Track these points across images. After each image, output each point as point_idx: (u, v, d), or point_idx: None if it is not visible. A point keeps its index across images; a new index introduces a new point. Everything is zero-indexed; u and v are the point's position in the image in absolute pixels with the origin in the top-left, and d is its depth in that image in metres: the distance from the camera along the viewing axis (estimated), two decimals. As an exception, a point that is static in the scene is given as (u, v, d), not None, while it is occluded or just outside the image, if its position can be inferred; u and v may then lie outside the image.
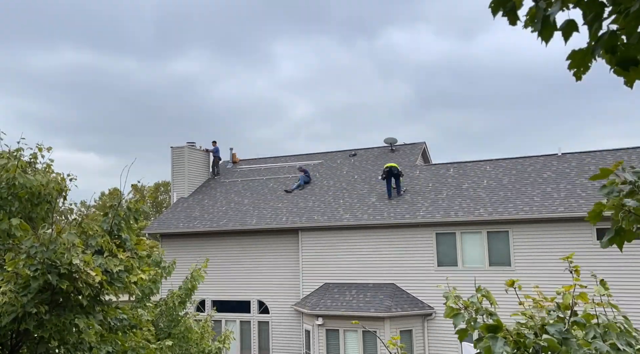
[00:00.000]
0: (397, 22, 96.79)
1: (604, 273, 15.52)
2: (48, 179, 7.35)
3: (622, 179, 2.77)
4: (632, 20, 2.19)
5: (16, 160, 7.21)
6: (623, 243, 2.81)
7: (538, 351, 3.46)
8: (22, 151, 7.62)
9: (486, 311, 3.78)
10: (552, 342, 3.36)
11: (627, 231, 2.73)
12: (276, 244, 21.86)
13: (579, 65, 2.47)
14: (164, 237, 23.89)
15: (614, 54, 2.28)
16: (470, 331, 3.73)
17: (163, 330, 11.77)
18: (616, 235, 2.76)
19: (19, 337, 6.40)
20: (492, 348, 3.33)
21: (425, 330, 18.76)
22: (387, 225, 19.83)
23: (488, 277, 17.00)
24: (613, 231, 2.77)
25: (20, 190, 7.02)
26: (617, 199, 2.73)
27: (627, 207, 2.65)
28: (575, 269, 3.93)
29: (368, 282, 19.83)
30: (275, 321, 21.56)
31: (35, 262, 5.68)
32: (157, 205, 58.09)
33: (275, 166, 27.06)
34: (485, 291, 3.96)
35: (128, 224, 7.12)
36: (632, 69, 2.29)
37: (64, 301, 6.08)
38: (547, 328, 3.52)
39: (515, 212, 18.10)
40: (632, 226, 2.70)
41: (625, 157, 19.62)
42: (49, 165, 7.82)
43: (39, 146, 7.91)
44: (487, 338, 3.40)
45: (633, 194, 2.71)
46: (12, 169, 7.05)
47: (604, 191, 2.83)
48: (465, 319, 3.76)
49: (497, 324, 3.54)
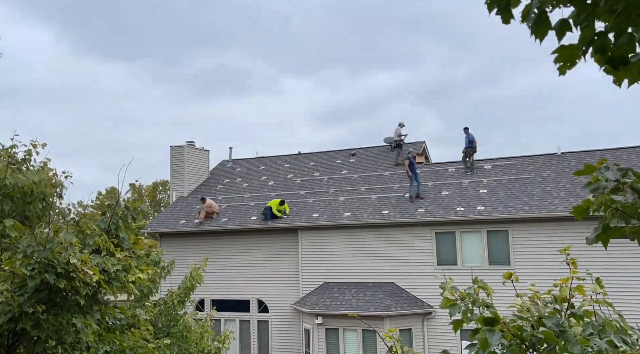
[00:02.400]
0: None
1: (601, 272, 15.55)
2: (40, 177, 7.34)
3: (606, 177, 2.78)
4: (622, 20, 2.20)
5: (5, 160, 7.22)
6: (609, 240, 2.82)
7: (535, 343, 3.46)
8: (15, 148, 7.62)
9: (483, 302, 3.78)
10: (549, 334, 3.37)
11: (613, 228, 2.74)
12: (276, 243, 21.87)
13: (565, 61, 2.48)
14: (163, 236, 23.90)
15: (604, 54, 2.29)
16: (466, 322, 3.73)
17: (162, 329, 11.77)
18: (602, 232, 2.77)
19: (15, 337, 6.40)
20: (489, 340, 3.34)
21: (425, 329, 18.78)
22: (387, 224, 19.84)
23: (487, 276, 16.93)
24: (600, 228, 2.79)
25: (11, 190, 7.02)
26: (605, 196, 2.74)
27: (616, 204, 2.66)
28: (572, 262, 3.94)
29: (368, 281, 19.85)
30: (274, 320, 21.57)
31: (32, 261, 5.68)
32: (155, 204, 58.08)
33: (274, 165, 27.06)
34: (482, 282, 3.97)
35: (126, 223, 7.12)
36: (622, 68, 2.30)
37: (61, 301, 6.07)
38: (544, 320, 3.51)
39: (515, 212, 18.11)
40: (618, 222, 2.72)
41: (624, 156, 19.64)
42: (45, 164, 7.82)
43: (33, 142, 7.90)
44: (484, 331, 3.40)
45: (617, 190, 2.72)
46: (2, 170, 7.05)
47: (590, 188, 2.84)
48: (461, 310, 3.76)
49: (494, 316, 3.53)
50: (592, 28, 2.37)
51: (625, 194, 2.70)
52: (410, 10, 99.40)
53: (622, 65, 2.29)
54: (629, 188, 2.69)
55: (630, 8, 2.22)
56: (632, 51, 2.34)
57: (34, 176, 7.27)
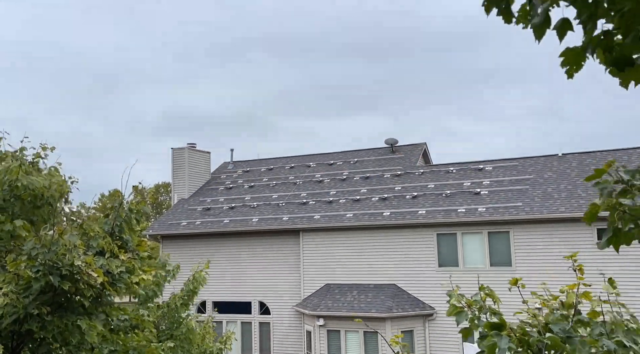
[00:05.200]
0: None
1: (605, 273, 15.54)
2: (50, 181, 7.34)
3: (615, 179, 2.78)
4: (628, 19, 2.19)
5: (18, 161, 7.21)
6: (620, 244, 2.81)
7: (541, 349, 3.46)
8: (25, 151, 7.61)
9: (490, 309, 3.78)
10: (556, 340, 3.36)
11: (624, 232, 2.73)
12: (277, 245, 21.87)
13: (571, 63, 2.47)
14: (165, 238, 23.89)
15: (611, 52, 2.27)
16: (474, 329, 3.73)
17: (165, 332, 11.76)
18: (613, 236, 2.76)
19: (20, 338, 6.40)
20: (498, 344, 3.33)
21: (427, 330, 18.76)
22: (388, 226, 19.84)
23: (489, 277, 16.99)
24: (610, 231, 2.78)
25: (22, 192, 7.02)
26: (613, 199, 2.74)
27: (623, 208, 2.66)
28: (579, 268, 3.94)
29: (369, 283, 19.84)
30: (276, 322, 21.56)
31: (36, 263, 5.69)
32: (157, 206, 58.09)
33: (275, 166, 27.06)
34: (489, 289, 3.96)
35: (129, 226, 7.12)
36: (628, 69, 2.29)
37: (65, 302, 6.09)
38: (550, 326, 3.52)
39: (516, 213, 18.11)
40: (627, 226, 2.70)
41: (625, 157, 19.64)
42: (56, 169, 7.80)
43: (43, 145, 7.90)
44: (492, 336, 3.40)
45: (626, 193, 2.71)
46: (14, 171, 7.05)
47: (599, 187, 2.83)
48: (468, 318, 3.76)
49: (501, 322, 3.54)
50: (594, 28, 2.36)
51: (634, 197, 2.69)
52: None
53: (629, 66, 2.28)
54: (637, 190, 2.68)
55: (636, 8, 2.21)
56: (637, 52, 2.33)
57: (44, 180, 7.26)
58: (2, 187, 6.99)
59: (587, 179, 2.99)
